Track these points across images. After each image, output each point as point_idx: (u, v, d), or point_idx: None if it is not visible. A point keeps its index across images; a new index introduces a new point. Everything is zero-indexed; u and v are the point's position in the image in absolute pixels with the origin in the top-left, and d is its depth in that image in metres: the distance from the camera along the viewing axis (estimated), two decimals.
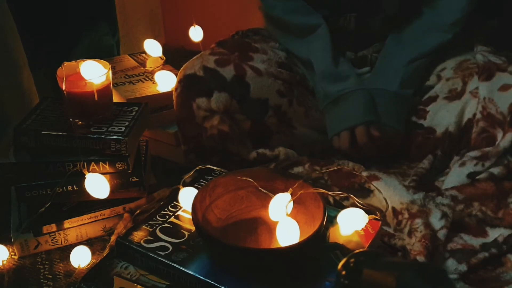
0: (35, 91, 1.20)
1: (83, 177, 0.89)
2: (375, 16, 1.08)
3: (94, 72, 0.92)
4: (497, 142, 0.97)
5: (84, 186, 0.89)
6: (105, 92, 0.93)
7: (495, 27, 1.14)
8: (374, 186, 0.93)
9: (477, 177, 0.95)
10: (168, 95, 1.09)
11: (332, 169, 0.98)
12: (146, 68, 1.26)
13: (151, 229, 0.79)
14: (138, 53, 1.35)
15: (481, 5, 1.07)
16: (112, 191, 0.92)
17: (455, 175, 0.97)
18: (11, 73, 1.13)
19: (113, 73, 1.09)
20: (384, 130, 1.03)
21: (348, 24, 1.10)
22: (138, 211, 0.93)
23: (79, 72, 0.92)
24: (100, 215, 0.94)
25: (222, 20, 1.23)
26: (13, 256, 0.91)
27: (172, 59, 1.28)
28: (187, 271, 0.71)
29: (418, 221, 0.86)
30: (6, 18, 1.10)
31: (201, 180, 0.91)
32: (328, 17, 1.10)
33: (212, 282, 0.70)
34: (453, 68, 1.08)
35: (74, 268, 0.86)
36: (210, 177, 0.91)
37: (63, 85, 0.89)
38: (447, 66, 1.09)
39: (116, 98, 1.10)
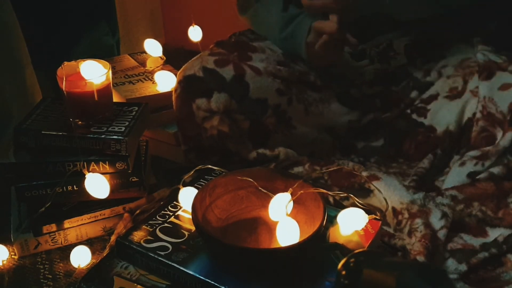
0: (38, 90, 1.19)
1: (83, 177, 0.89)
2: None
3: (94, 72, 0.91)
4: (497, 141, 0.97)
5: (84, 186, 0.89)
6: (105, 92, 0.93)
7: (495, 28, 1.14)
8: (374, 186, 0.93)
9: (477, 177, 0.95)
10: (168, 95, 1.09)
11: (332, 169, 0.98)
12: (146, 68, 1.26)
13: (151, 229, 0.79)
14: (138, 53, 1.35)
15: (481, 6, 1.07)
16: (112, 191, 0.91)
17: (455, 175, 0.97)
18: (14, 71, 1.13)
19: (113, 73, 1.09)
20: None
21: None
22: (138, 211, 0.93)
23: (79, 72, 0.92)
24: (100, 215, 0.94)
25: (222, 20, 1.23)
26: (13, 256, 0.91)
27: (172, 59, 1.28)
28: (187, 271, 0.71)
29: (418, 221, 0.86)
30: (10, 17, 1.10)
31: (201, 180, 0.91)
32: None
33: (212, 282, 0.70)
34: (454, 66, 1.08)
35: (74, 268, 0.86)
36: (210, 177, 0.91)
37: (63, 85, 0.89)
38: (449, 64, 1.09)
39: (116, 98, 1.10)
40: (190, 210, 0.77)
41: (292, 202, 0.77)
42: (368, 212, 0.79)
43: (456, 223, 0.89)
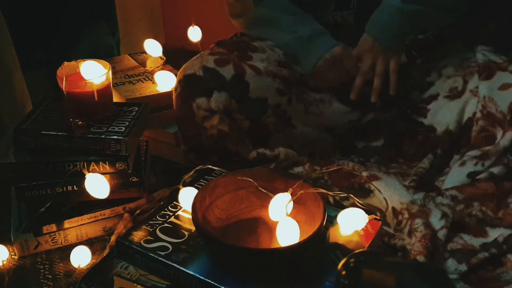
0: (27, 94, 1.19)
1: (83, 177, 0.89)
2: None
3: (94, 72, 0.91)
4: (497, 141, 0.97)
5: (84, 186, 0.89)
6: (105, 92, 0.93)
7: (495, 28, 1.15)
8: (374, 186, 0.93)
9: (477, 177, 0.95)
10: (168, 95, 1.09)
11: (332, 169, 0.98)
12: (146, 68, 1.26)
13: (151, 229, 0.79)
14: (138, 53, 1.35)
15: (481, 7, 1.07)
16: (112, 191, 0.92)
17: (455, 175, 0.97)
18: (3, 76, 1.12)
19: (113, 73, 1.09)
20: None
21: (347, 21, 1.10)
22: (138, 211, 0.93)
23: (79, 72, 0.92)
24: (100, 215, 0.94)
25: (222, 20, 1.24)
26: (13, 256, 0.91)
27: (172, 59, 1.28)
28: (187, 271, 0.71)
29: (418, 221, 0.86)
30: None
31: (201, 180, 0.91)
32: (320, 17, 1.10)
33: (212, 282, 0.70)
34: (455, 66, 1.08)
35: (74, 268, 0.86)
36: (210, 177, 0.91)
37: (63, 85, 0.89)
38: (449, 64, 1.09)
39: (116, 98, 1.10)
40: (190, 210, 0.77)
41: (292, 202, 0.77)
42: (368, 212, 0.79)
43: (456, 223, 0.89)
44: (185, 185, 0.86)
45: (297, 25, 1.08)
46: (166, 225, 0.80)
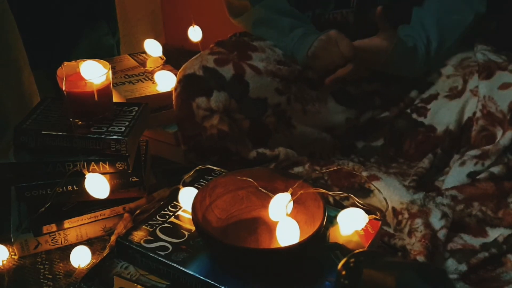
0: (36, 91, 1.19)
1: (83, 177, 0.89)
2: (373, 9, 1.08)
3: (94, 72, 0.91)
4: (497, 140, 0.97)
5: (84, 186, 0.89)
6: (105, 92, 0.93)
7: (495, 27, 1.15)
8: (374, 186, 0.93)
9: (477, 177, 0.95)
10: (168, 95, 1.09)
11: (332, 169, 0.98)
12: (146, 68, 1.26)
13: (151, 229, 0.79)
14: (138, 53, 1.35)
15: None
16: (112, 191, 0.92)
17: (455, 175, 0.97)
18: (12, 72, 1.12)
19: (113, 73, 1.09)
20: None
21: (346, 19, 1.10)
22: (138, 211, 0.93)
23: (79, 72, 0.92)
24: (100, 215, 0.94)
25: (222, 20, 1.24)
26: (13, 256, 0.91)
27: (172, 59, 1.28)
28: (187, 271, 0.71)
29: (418, 221, 0.86)
30: (7, 17, 1.10)
31: (201, 180, 0.91)
32: (320, 16, 1.10)
33: (212, 282, 0.70)
34: (454, 66, 1.08)
35: (74, 268, 0.86)
36: (210, 177, 0.91)
37: (63, 85, 0.89)
38: (448, 63, 1.09)
39: (116, 98, 1.10)
40: (190, 210, 0.77)
41: (292, 202, 0.77)
42: (368, 212, 0.79)
43: (456, 223, 0.89)
44: (185, 185, 0.86)
45: (293, 28, 1.08)
46: (166, 225, 0.80)
